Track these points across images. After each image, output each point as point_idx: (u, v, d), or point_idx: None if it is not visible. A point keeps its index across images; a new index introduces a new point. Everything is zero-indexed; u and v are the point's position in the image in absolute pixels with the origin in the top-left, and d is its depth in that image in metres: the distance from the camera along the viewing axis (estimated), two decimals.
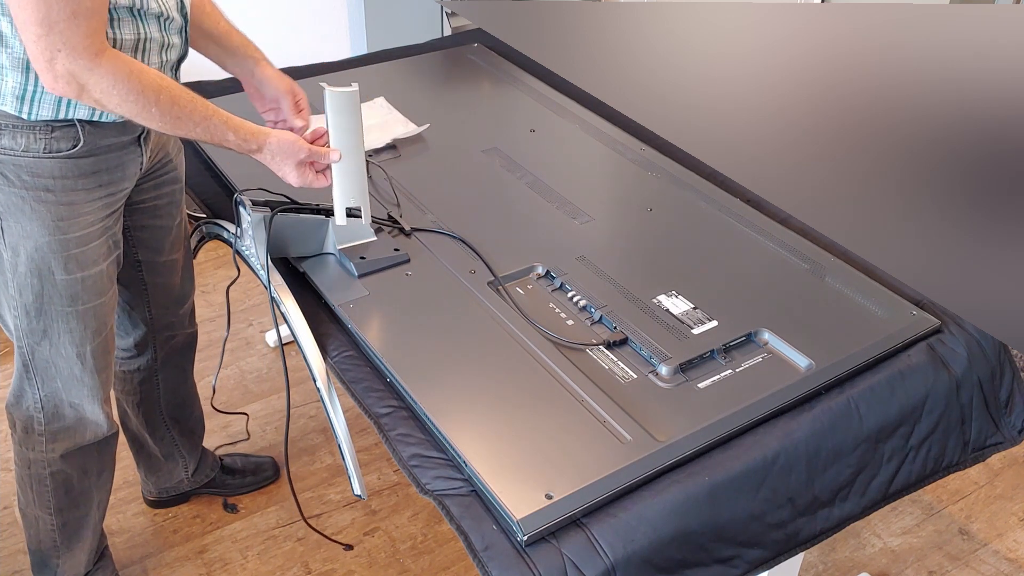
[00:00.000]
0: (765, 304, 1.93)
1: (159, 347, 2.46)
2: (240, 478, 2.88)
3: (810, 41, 2.72)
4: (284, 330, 3.24)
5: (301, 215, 1.96)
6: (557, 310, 1.91)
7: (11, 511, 2.77)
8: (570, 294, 1.95)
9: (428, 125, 2.55)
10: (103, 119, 1.85)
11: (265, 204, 1.97)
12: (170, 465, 2.75)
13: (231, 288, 2.02)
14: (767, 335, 1.84)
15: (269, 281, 1.89)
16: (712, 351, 1.80)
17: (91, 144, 1.86)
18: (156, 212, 2.18)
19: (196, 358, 3.38)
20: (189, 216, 4.05)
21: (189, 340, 2.54)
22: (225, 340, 2.16)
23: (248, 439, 3.03)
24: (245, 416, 3.13)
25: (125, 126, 1.91)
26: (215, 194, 2.31)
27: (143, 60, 1.83)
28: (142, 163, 2.01)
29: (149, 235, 2.20)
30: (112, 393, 2.37)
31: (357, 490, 1.79)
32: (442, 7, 3.88)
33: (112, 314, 2.10)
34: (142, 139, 1.98)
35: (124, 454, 2.87)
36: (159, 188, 2.15)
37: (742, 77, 2.76)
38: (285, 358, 1.92)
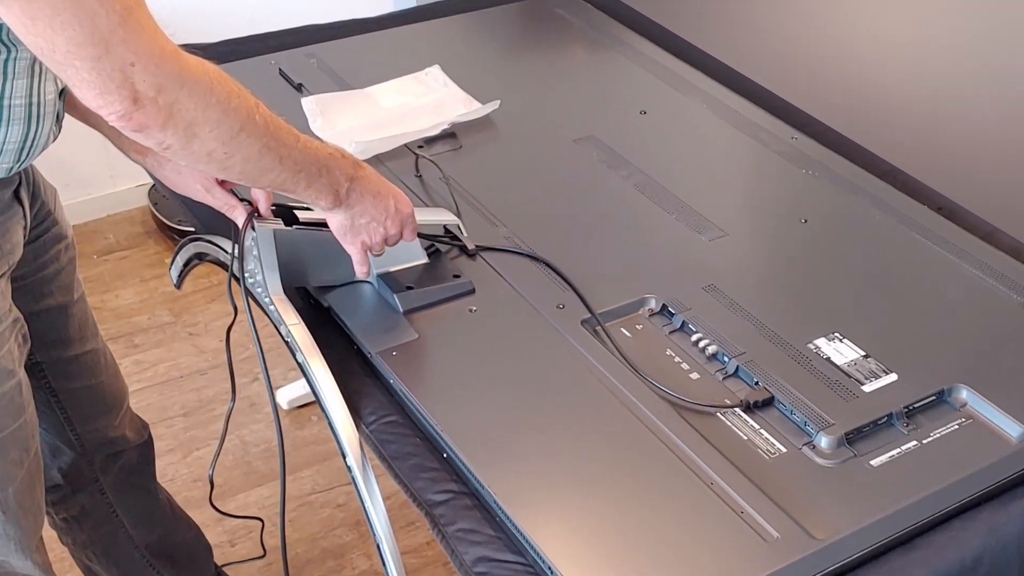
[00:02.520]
0: (963, 351, 1.94)
1: (102, 474, 2.41)
2: None
3: None
4: (284, 379, 3.26)
5: (324, 230, 1.94)
6: (677, 359, 1.92)
7: None
8: (695, 337, 1.96)
9: (498, 103, 2.57)
10: None
11: (274, 214, 1.97)
12: None
13: (231, 331, 2.01)
14: (965, 394, 1.84)
15: (282, 320, 1.91)
16: (890, 415, 1.79)
17: None
18: (43, 289, 2.12)
19: (183, 424, 3.45)
20: (176, 231, 4.12)
21: (142, 453, 2.49)
22: (229, 412, 2.11)
23: (264, 556, 2.99)
24: (260, 523, 3.04)
25: (3, 179, 1.84)
26: None
27: (43, 78, 1.77)
28: (26, 224, 1.96)
29: (43, 324, 2.13)
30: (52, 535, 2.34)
31: None
32: None
33: (36, 435, 2.05)
34: (20, 191, 1.93)
35: None
36: (40, 253, 2.09)
37: (940, 52, 2.76)
38: (268, 372, 1.89)
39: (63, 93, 1.87)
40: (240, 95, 1.63)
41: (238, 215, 1.95)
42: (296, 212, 1.99)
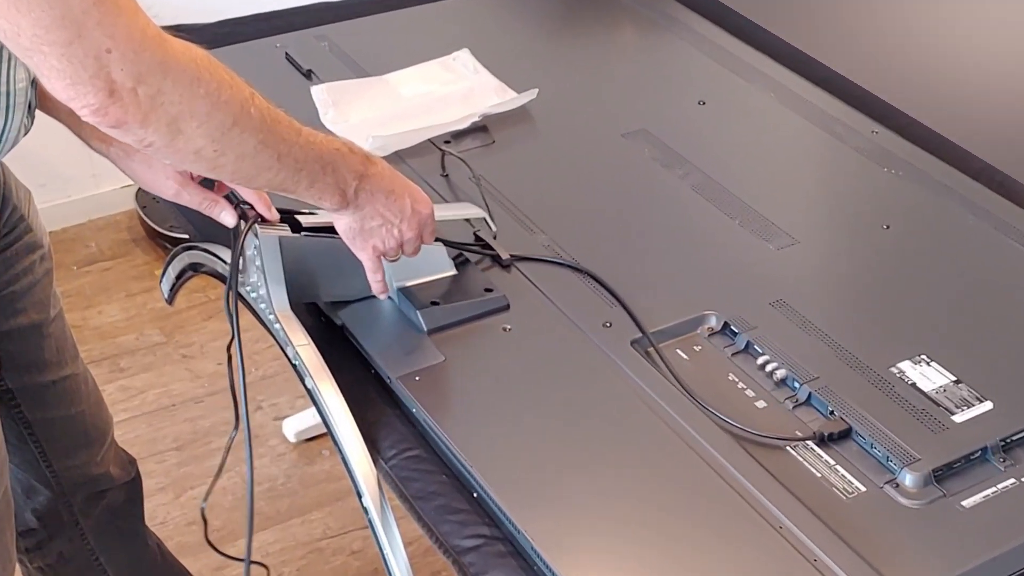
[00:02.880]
0: None
1: (83, 516, 2.40)
2: None
3: None
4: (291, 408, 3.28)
5: (337, 236, 1.93)
6: (740, 385, 1.93)
7: None
8: (761, 359, 1.96)
9: (536, 92, 2.58)
10: None
11: (279, 220, 1.96)
12: None
13: (231, 348, 1.96)
14: None
15: (288, 341, 1.92)
16: (984, 449, 1.79)
17: None
18: (14, 305, 2.11)
19: (176, 460, 3.45)
20: (168, 238, 4.12)
21: (129, 493, 2.48)
22: (230, 442, 2.08)
23: None
24: (265, 569, 2.94)
25: None
26: None
27: (12, 64, 1.75)
28: None
29: (15, 345, 2.14)
30: None
31: None
32: None
33: (6, 473, 2.01)
34: None
35: None
36: (11, 264, 2.08)
37: None
38: (244, 374, 1.86)
39: (36, 81, 1.83)
40: (232, 85, 1.60)
41: (221, 212, 1.93)
42: (301, 215, 1.98)
